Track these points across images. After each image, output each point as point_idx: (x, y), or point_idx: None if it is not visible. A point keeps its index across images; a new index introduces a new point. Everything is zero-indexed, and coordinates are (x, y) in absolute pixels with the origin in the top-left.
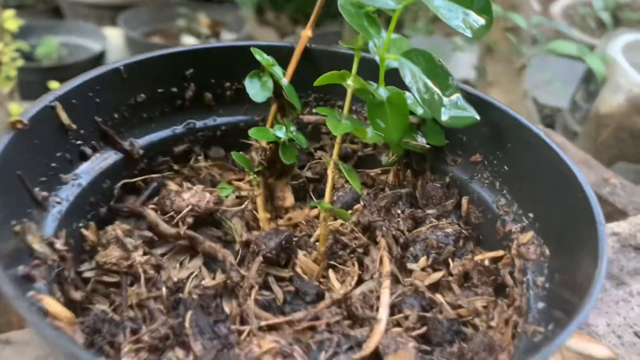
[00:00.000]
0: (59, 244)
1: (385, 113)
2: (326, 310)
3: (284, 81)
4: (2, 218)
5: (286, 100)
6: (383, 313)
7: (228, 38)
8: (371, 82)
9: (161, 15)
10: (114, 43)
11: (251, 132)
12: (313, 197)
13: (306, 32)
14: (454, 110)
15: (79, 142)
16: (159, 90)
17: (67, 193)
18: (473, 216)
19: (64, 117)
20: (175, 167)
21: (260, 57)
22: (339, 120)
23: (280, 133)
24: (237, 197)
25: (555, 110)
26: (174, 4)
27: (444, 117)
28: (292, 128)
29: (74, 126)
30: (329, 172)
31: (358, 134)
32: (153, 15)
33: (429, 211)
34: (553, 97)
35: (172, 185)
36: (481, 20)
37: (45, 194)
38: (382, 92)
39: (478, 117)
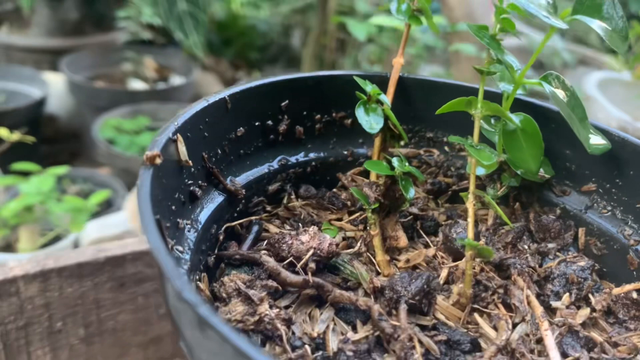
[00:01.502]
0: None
1: (519, 141)
2: (494, 359)
3: (390, 111)
4: (177, 270)
5: (390, 131)
6: (556, 357)
7: (177, 82)
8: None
9: (105, 60)
10: (55, 88)
11: (367, 164)
12: (423, 234)
13: (399, 60)
14: (593, 137)
15: (190, 181)
16: (256, 124)
17: (187, 241)
18: (594, 248)
19: (183, 152)
20: (269, 207)
21: (370, 86)
22: (480, 149)
23: (397, 165)
24: (342, 238)
25: None
26: (118, 48)
27: (593, 142)
28: (405, 161)
29: (191, 162)
30: (469, 205)
31: (490, 166)
32: (97, 59)
33: (550, 245)
34: None
35: (272, 228)
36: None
37: (172, 242)
38: (515, 118)
39: (610, 145)
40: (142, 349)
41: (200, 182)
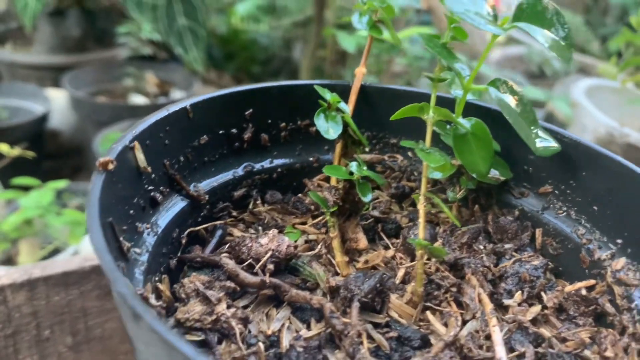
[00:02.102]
0: (153, 299)
1: (470, 144)
2: (441, 354)
3: (350, 118)
4: (115, 266)
5: (351, 137)
6: (501, 352)
7: (178, 97)
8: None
9: (107, 75)
10: (58, 104)
11: (325, 169)
12: (383, 236)
13: (361, 69)
14: (542, 139)
15: (150, 187)
16: (220, 132)
17: (146, 244)
18: (550, 248)
19: (141, 159)
20: (234, 212)
21: (329, 94)
22: (429, 152)
23: (355, 170)
24: (305, 241)
25: None
26: (119, 64)
27: (539, 144)
28: (364, 165)
29: (149, 169)
30: (420, 207)
31: (442, 169)
32: (98, 75)
33: (507, 246)
34: None
35: (237, 232)
36: (564, 43)
37: (128, 244)
38: (465, 122)
39: (560, 147)
40: (130, 356)
41: (161, 188)
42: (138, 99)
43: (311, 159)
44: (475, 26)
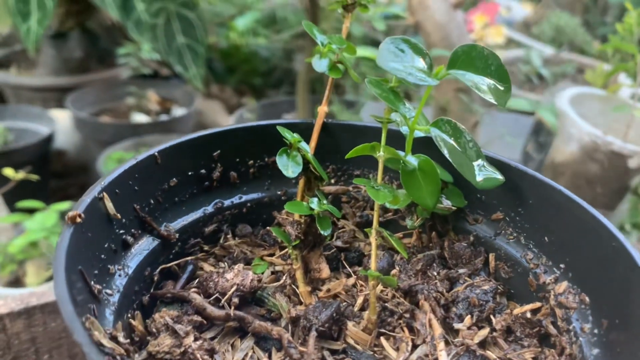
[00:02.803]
0: (121, 337)
1: (418, 180)
2: None
3: (310, 155)
4: (81, 315)
5: (313, 173)
6: None
7: (179, 113)
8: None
9: (109, 95)
10: (62, 124)
11: (287, 206)
12: (346, 265)
13: (322, 108)
14: (483, 172)
15: (121, 231)
16: (189, 173)
17: (117, 284)
18: (502, 272)
19: (110, 207)
20: (206, 247)
21: (289, 134)
22: (378, 189)
23: (315, 205)
24: (272, 272)
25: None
26: (121, 83)
27: (479, 178)
28: (324, 200)
29: (119, 216)
30: (372, 240)
31: (394, 202)
32: (100, 95)
33: (461, 270)
34: (504, 150)
35: (207, 266)
36: (501, 88)
37: (99, 286)
38: (413, 160)
39: (503, 179)
40: None
41: (133, 230)
42: (140, 117)
43: (279, 192)
44: (411, 82)
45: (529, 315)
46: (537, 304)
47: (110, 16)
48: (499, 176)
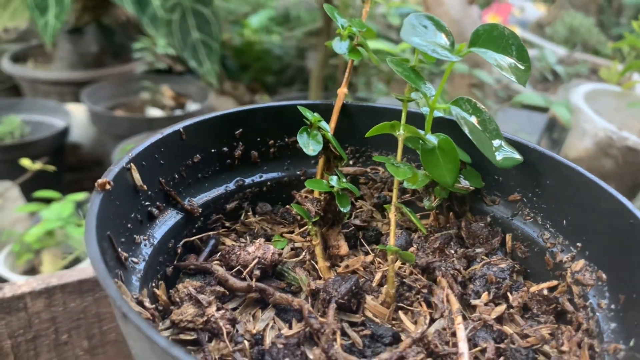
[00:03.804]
0: (147, 303)
1: (437, 158)
2: (409, 350)
3: (330, 135)
4: (107, 274)
5: (332, 152)
6: (464, 347)
7: (193, 109)
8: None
9: (124, 89)
10: (77, 118)
11: (307, 183)
12: (364, 243)
13: (342, 90)
14: (503, 152)
15: (147, 203)
16: (212, 150)
17: (143, 253)
18: (519, 251)
19: (137, 178)
20: (227, 224)
21: (310, 113)
22: (398, 166)
23: (334, 183)
24: (292, 249)
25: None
26: (136, 78)
27: (499, 157)
28: (343, 178)
29: (145, 187)
30: (391, 215)
31: (412, 180)
32: (116, 89)
33: (478, 250)
34: None
35: (229, 241)
36: (522, 67)
37: (125, 254)
38: (432, 138)
39: (521, 158)
40: None
41: (158, 203)
42: (154, 112)
43: (299, 172)
44: (433, 55)
45: (545, 292)
46: (554, 282)
47: (126, 11)
48: (518, 156)
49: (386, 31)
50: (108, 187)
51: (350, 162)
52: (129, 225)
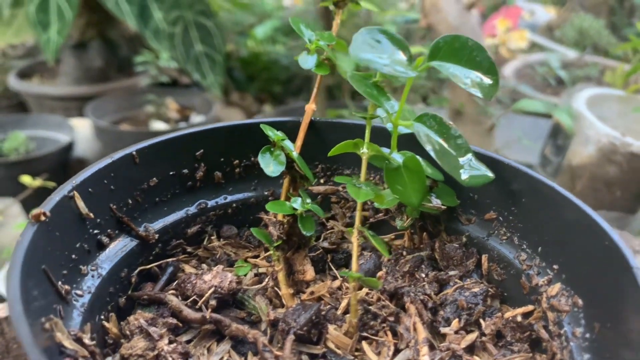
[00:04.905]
0: (87, 339)
1: (402, 177)
2: None
3: (295, 154)
4: (32, 316)
5: (298, 172)
6: None
7: (197, 121)
8: (383, 148)
9: (128, 103)
10: (82, 133)
11: (268, 206)
12: (332, 267)
13: (310, 106)
14: (469, 169)
15: (96, 231)
16: (171, 173)
17: (88, 285)
18: (495, 273)
19: (81, 206)
20: (189, 249)
21: (271, 132)
22: (359, 187)
23: (297, 205)
24: (255, 274)
25: (527, 166)
26: (140, 92)
27: (464, 176)
28: (308, 199)
29: (91, 215)
30: (353, 240)
31: (377, 200)
32: (120, 103)
33: (451, 272)
34: (523, 154)
35: (188, 268)
36: (489, 81)
37: (67, 287)
38: (397, 157)
39: (492, 175)
40: None
41: (109, 230)
42: (159, 125)
43: (266, 192)
44: (387, 72)
45: (519, 318)
46: (530, 307)
47: (129, 26)
48: (488, 173)
49: None
50: (43, 218)
51: (322, 181)
52: (73, 255)
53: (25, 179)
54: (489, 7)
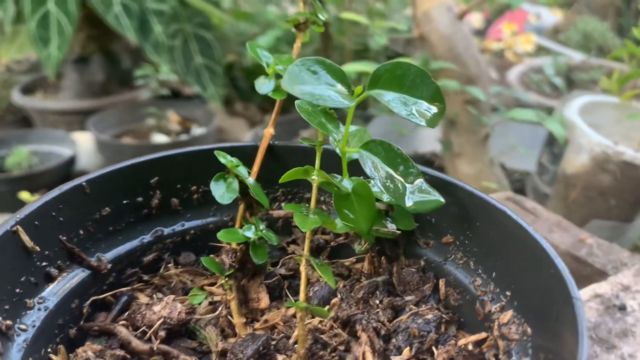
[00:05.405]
0: None
1: (352, 204)
2: None
3: (250, 180)
4: None
5: (253, 198)
6: None
7: (198, 132)
8: (335, 174)
9: (130, 116)
10: (84, 147)
11: (220, 234)
12: (289, 294)
13: (269, 130)
14: (418, 195)
15: (44, 263)
16: (124, 202)
17: (33, 319)
18: (452, 299)
19: (26, 240)
20: (145, 277)
21: (224, 159)
22: (307, 215)
23: (250, 233)
24: (210, 303)
25: (524, 174)
26: (142, 105)
27: (409, 204)
28: (262, 226)
29: (38, 248)
30: (302, 269)
31: (328, 227)
32: (122, 116)
33: (408, 298)
34: (520, 162)
35: (143, 298)
36: (433, 109)
37: (9, 322)
38: (347, 183)
39: (443, 200)
40: None
41: (59, 262)
42: (160, 138)
43: (226, 218)
44: (324, 104)
45: (471, 347)
46: (483, 335)
47: (129, 39)
48: (439, 198)
49: (395, 46)
50: None
51: (283, 204)
52: (17, 290)
53: (24, 195)
54: (494, 11)
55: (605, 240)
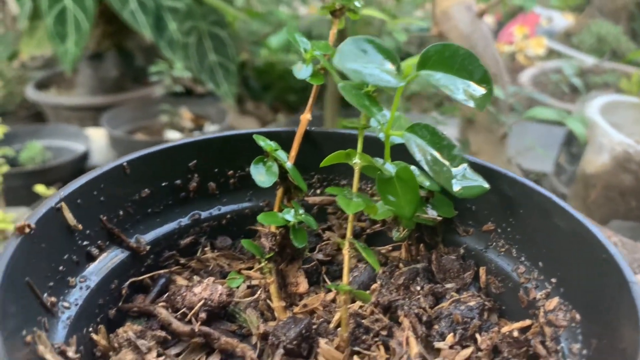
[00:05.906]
0: (71, 352)
1: (395, 188)
2: None
3: (288, 164)
4: (13, 328)
5: (292, 183)
6: None
7: (211, 130)
8: (377, 158)
9: (143, 113)
10: (97, 143)
11: (260, 217)
12: (326, 279)
13: (305, 116)
14: (463, 180)
15: (85, 242)
16: (163, 184)
17: (76, 297)
18: (493, 286)
19: (69, 218)
20: (182, 260)
21: (264, 142)
22: (350, 198)
23: (289, 216)
24: (248, 287)
25: (540, 175)
26: (155, 101)
27: (456, 188)
28: (301, 211)
29: (80, 227)
30: (345, 252)
31: (369, 211)
32: (135, 113)
33: (448, 285)
34: (536, 162)
35: (181, 280)
36: (482, 90)
37: (54, 299)
38: (390, 167)
39: (487, 186)
40: None
41: (99, 242)
42: (173, 135)
43: (262, 203)
44: (373, 82)
45: (516, 334)
46: (527, 322)
47: (144, 36)
48: (484, 184)
49: (407, 47)
50: (28, 230)
51: (318, 191)
52: (61, 267)
53: (39, 189)
54: (506, 14)
55: (630, 240)
